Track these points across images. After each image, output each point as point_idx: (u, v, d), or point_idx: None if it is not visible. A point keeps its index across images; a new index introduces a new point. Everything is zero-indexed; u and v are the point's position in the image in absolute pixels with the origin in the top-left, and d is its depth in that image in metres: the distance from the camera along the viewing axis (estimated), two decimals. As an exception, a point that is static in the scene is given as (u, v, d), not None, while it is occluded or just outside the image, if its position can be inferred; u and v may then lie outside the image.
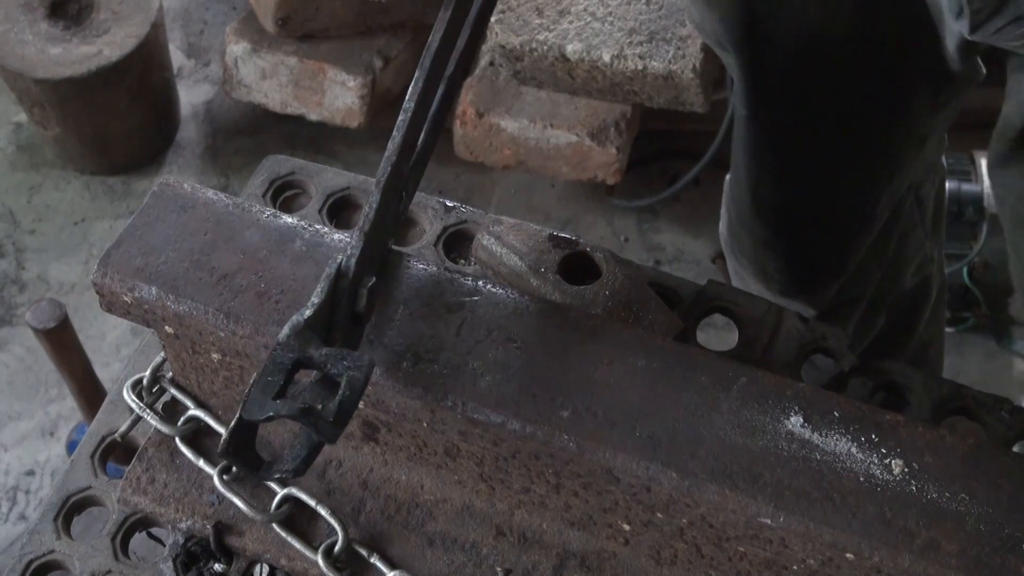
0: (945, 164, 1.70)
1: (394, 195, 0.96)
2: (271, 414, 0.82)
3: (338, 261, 0.90)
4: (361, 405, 0.90)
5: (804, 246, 1.55)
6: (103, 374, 2.18)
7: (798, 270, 1.57)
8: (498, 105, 2.54)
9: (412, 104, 0.95)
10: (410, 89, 0.95)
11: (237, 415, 0.84)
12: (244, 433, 0.86)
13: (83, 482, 1.14)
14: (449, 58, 0.99)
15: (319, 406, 0.82)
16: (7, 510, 2.37)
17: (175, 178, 1.03)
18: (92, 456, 1.15)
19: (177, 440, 1.09)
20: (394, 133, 0.95)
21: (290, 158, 1.32)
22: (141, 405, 1.10)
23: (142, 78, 2.69)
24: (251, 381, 0.84)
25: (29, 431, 2.47)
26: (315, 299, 0.88)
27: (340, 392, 0.83)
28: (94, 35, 2.63)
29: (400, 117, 0.95)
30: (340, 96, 2.63)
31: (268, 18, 2.60)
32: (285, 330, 0.85)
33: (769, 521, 0.86)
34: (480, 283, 0.97)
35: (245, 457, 0.88)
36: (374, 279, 0.92)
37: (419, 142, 0.99)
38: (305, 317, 0.86)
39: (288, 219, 1.01)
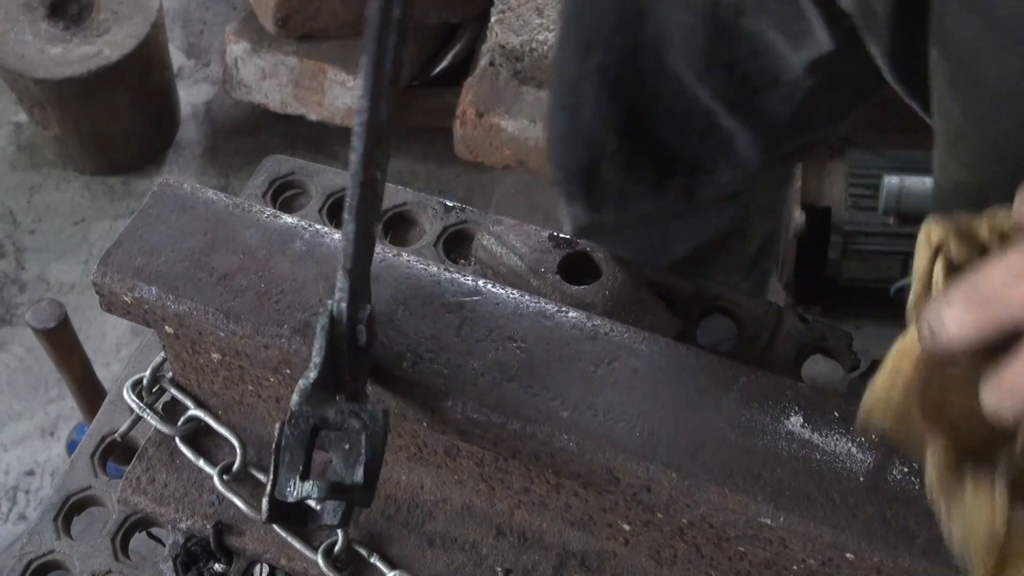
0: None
1: (370, 212, 0.85)
2: (305, 496, 0.81)
3: (329, 308, 0.85)
4: (361, 405, 0.90)
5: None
6: (103, 374, 2.18)
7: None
8: (498, 105, 2.54)
9: (366, 102, 0.79)
10: (360, 85, 0.79)
11: (269, 487, 0.82)
12: (279, 499, 0.84)
13: (83, 482, 1.14)
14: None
15: (345, 476, 0.82)
16: (7, 510, 2.36)
17: (175, 178, 1.03)
18: (92, 456, 1.15)
19: (177, 440, 1.09)
20: (354, 142, 0.80)
21: (290, 158, 1.32)
22: (141, 405, 1.10)
23: (142, 78, 2.69)
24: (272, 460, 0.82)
25: (29, 431, 2.46)
26: (316, 358, 0.84)
27: (363, 454, 0.81)
28: (94, 35, 2.62)
29: (356, 119, 0.79)
30: (340, 96, 2.63)
31: (268, 18, 2.60)
32: (295, 398, 0.82)
33: (769, 521, 0.86)
34: (480, 283, 0.97)
35: (289, 518, 0.86)
36: (369, 308, 0.87)
37: (383, 113, 0.81)
38: (312, 380, 0.83)
39: (288, 219, 1.01)
